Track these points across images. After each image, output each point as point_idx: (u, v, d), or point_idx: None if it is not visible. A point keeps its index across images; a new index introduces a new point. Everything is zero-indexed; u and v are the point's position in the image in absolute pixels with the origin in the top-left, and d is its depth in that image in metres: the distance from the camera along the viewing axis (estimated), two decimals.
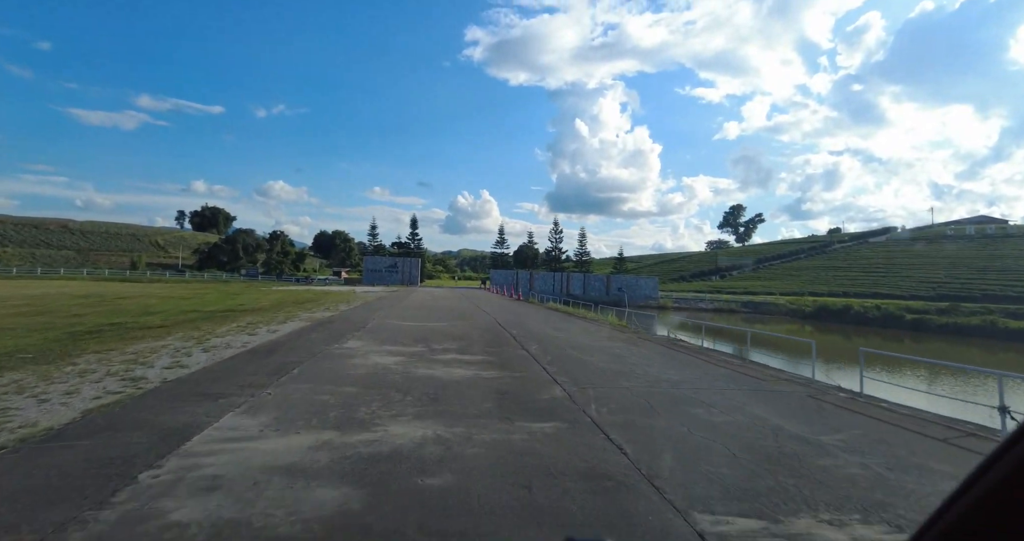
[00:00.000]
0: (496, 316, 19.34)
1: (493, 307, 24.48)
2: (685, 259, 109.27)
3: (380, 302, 25.40)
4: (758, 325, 44.63)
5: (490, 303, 27.00)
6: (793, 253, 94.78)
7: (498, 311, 22.12)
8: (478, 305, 25.35)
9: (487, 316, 19.19)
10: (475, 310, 21.78)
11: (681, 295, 60.81)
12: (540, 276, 61.34)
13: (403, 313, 18.76)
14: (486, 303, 26.80)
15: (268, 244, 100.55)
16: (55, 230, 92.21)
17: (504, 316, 19.64)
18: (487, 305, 25.63)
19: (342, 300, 26.27)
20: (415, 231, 71.53)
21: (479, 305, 25.36)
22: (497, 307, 24.49)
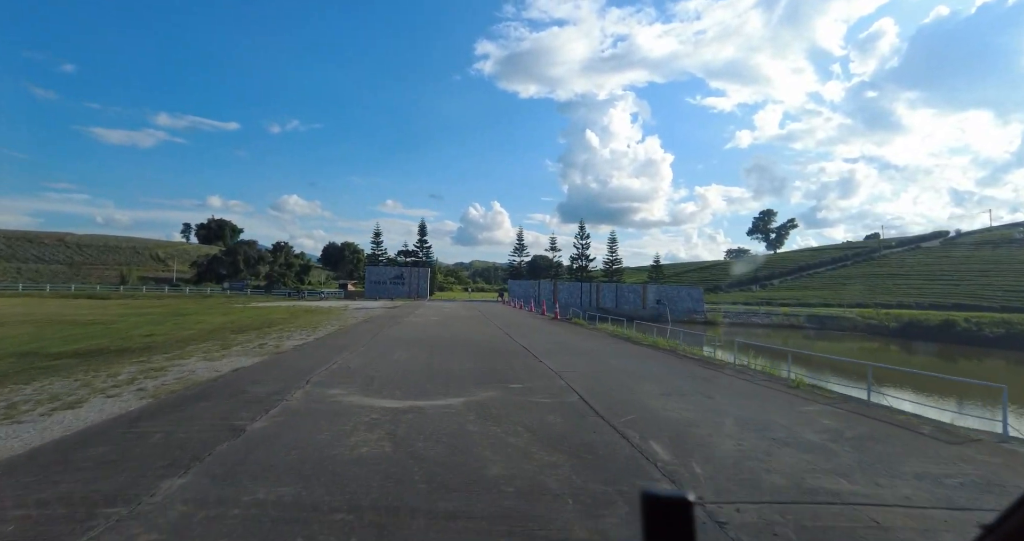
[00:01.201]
0: (566, 368, 9.46)
1: (534, 336, 16.37)
2: (714, 267, 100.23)
3: (366, 327, 17.56)
4: (821, 343, 35.94)
5: (522, 326, 18.82)
6: (836, 260, 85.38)
7: (550, 347, 13.05)
8: (507, 331, 17.16)
9: (544, 368, 9.40)
10: (508, 344, 13.22)
11: (730, 308, 52.12)
12: (565, 287, 53.20)
13: (388, 354, 10.82)
14: (518, 327, 18.50)
15: (272, 256, 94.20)
16: (50, 244, 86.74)
17: (577, 366, 9.82)
18: (521, 331, 17.13)
19: (313, 324, 18.48)
20: (424, 238, 63.77)
21: (509, 331, 17.14)
22: (541, 337, 16.14)
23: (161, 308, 29.67)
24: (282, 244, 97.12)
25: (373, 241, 64.36)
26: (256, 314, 24.31)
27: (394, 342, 12.91)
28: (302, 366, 8.76)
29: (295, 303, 37.57)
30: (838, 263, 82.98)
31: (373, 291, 53.55)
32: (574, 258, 62.43)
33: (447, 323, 19.33)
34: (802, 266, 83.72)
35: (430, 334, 15.07)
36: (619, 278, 62.39)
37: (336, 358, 9.72)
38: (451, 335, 14.83)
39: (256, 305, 33.72)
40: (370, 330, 16.05)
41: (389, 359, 9.89)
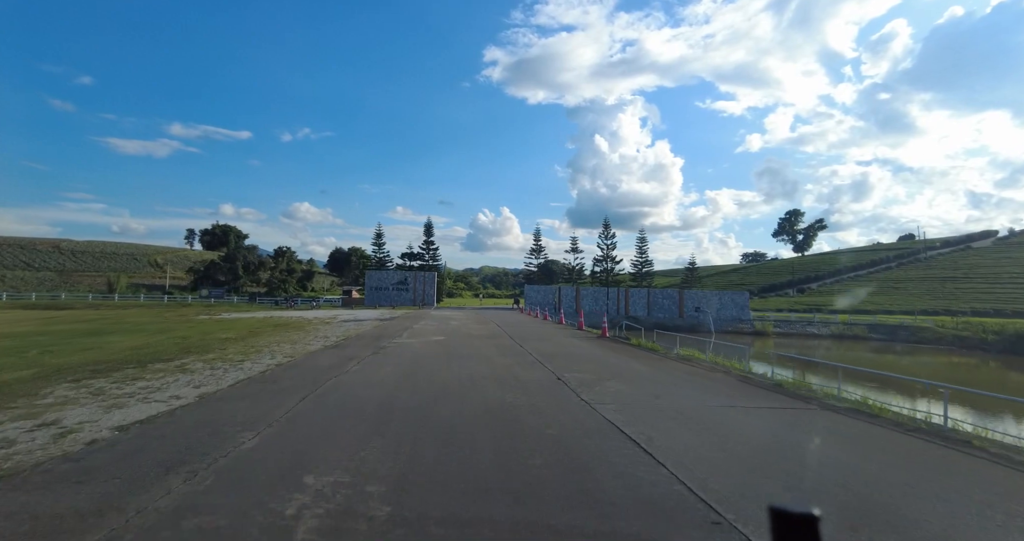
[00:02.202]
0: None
1: (629, 389, 9.81)
2: (737, 271, 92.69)
3: (326, 358, 11.06)
4: (907, 360, 28.79)
5: (573, 356, 11.91)
6: (875, 263, 77.68)
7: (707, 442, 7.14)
8: (556, 369, 10.67)
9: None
10: (590, 422, 6.37)
11: (776, 316, 44.98)
12: (588, 292, 46.48)
13: (304, 460, 4.42)
14: (567, 358, 11.68)
15: (273, 261, 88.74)
16: (43, 251, 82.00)
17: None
18: (582, 367, 9.94)
19: (255, 350, 12.06)
20: (430, 239, 57.23)
21: (560, 368, 10.66)
22: (640, 391, 9.80)
23: (102, 321, 23.53)
24: (284, 249, 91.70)
25: (374, 243, 58.09)
26: (203, 331, 18.00)
27: (346, 407, 6.36)
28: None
29: (276, 313, 31.31)
30: (880, 265, 75.28)
31: (374, 298, 47.24)
32: (598, 260, 55.45)
33: (454, 349, 12.77)
34: (840, 269, 76.14)
35: (424, 380, 8.48)
36: (650, 282, 55.38)
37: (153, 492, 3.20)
38: (460, 382, 8.22)
39: (225, 317, 27.48)
40: (327, 366, 9.55)
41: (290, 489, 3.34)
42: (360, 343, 13.76)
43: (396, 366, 9.63)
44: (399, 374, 8.82)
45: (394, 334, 16.68)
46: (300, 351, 11.78)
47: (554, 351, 12.41)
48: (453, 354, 11.49)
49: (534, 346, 13.40)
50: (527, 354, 11.65)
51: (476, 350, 12.32)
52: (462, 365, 9.85)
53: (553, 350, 12.60)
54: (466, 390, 7.43)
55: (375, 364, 9.91)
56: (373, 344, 13.41)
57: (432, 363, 10.13)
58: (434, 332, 17.55)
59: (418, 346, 13.09)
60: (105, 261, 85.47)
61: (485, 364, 10.02)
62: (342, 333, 17.12)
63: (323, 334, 16.56)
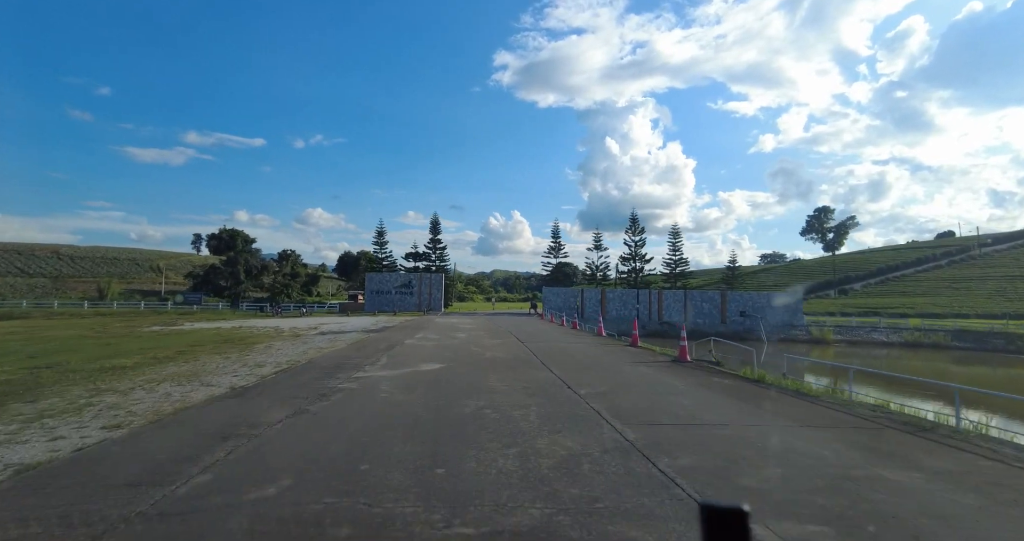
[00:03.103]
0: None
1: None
2: (771, 272, 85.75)
3: (178, 435, 5.42)
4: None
5: (695, 418, 6.66)
6: (920, 261, 70.44)
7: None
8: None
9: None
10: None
11: (837, 321, 38.54)
12: (616, 295, 40.50)
13: None
14: (703, 436, 6.41)
15: (277, 265, 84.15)
16: (41, 256, 78.41)
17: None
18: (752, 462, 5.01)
19: (88, 404, 6.42)
20: (437, 237, 51.50)
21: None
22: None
23: (23, 333, 18.28)
24: (288, 252, 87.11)
25: (376, 242, 52.70)
26: (108, 353, 12.57)
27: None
28: None
29: (253, 322, 25.96)
30: (927, 264, 68.07)
31: (375, 303, 41.78)
32: (624, 258, 49.24)
33: (451, 398, 6.91)
34: (882, 268, 69.07)
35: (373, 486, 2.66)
36: (685, 283, 49.02)
37: None
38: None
39: (184, 328, 22.17)
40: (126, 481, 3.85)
41: None
42: (297, 381, 8.09)
43: (295, 476, 3.83)
44: (358, 449, 3.07)
45: (370, 357, 11.02)
46: (147, 411, 6.10)
47: (650, 405, 6.54)
48: (447, 418, 5.70)
49: (599, 388, 7.57)
50: (602, 422, 5.70)
51: (495, 401, 6.52)
52: (463, 463, 4.06)
53: (646, 403, 6.72)
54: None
55: (325, 416, 4.21)
56: (318, 384, 7.73)
57: (393, 454, 4.31)
58: (430, 353, 11.85)
59: (389, 390, 7.33)
60: (105, 267, 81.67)
61: (523, 458, 4.20)
62: (295, 355, 11.52)
63: (263, 359, 10.95)
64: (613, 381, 8.26)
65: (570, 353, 12.31)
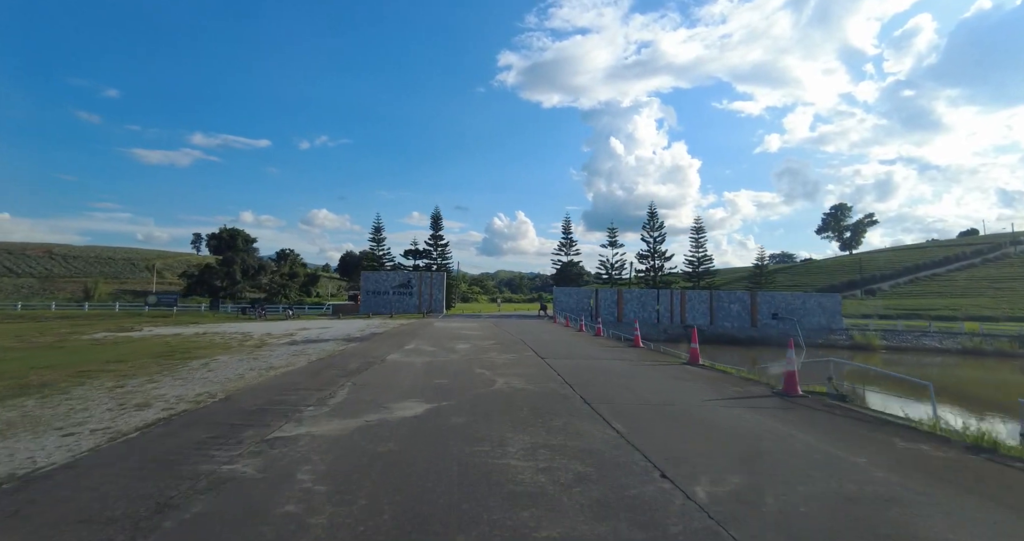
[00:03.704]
0: None
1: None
2: (788, 271, 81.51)
3: None
4: None
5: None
6: (950, 260, 66.14)
7: None
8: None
9: None
10: None
11: (880, 324, 34.57)
12: (634, 295, 36.69)
13: None
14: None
15: (275, 265, 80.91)
16: (32, 256, 75.43)
17: None
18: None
19: None
20: (438, 233, 47.72)
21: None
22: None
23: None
24: (287, 252, 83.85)
25: (372, 239, 48.96)
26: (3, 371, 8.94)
27: None
28: None
29: (224, 327, 22.40)
30: (958, 263, 63.79)
31: (371, 305, 38.17)
32: (643, 255, 45.16)
33: (432, 490, 3.31)
34: (909, 267, 64.84)
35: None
36: (711, 282, 44.92)
37: None
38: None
39: (132, 335, 18.62)
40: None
41: None
42: (140, 460, 4.40)
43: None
44: None
45: (325, 387, 7.30)
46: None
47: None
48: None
49: (724, 478, 3.82)
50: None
51: (524, 528, 2.79)
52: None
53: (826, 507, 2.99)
54: None
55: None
56: (169, 475, 4.05)
57: None
58: (415, 380, 8.12)
59: (306, 489, 3.57)
60: (99, 267, 78.65)
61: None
62: (224, 381, 7.82)
63: (165, 391, 7.25)
64: (731, 450, 4.48)
65: (616, 378, 8.55)
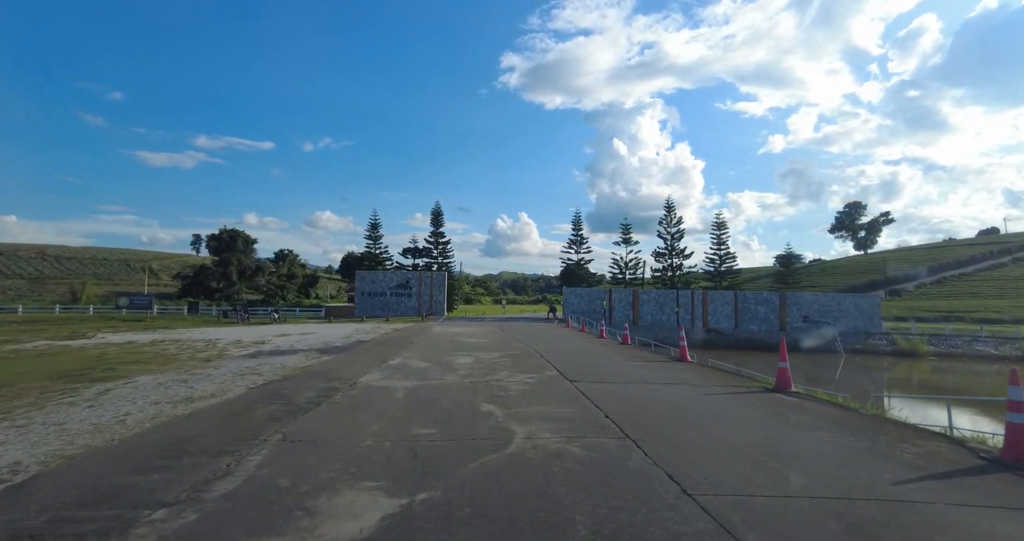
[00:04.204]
0: None
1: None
2: (803, 271, 78.02)
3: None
4: None
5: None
6: (976, 259, 62.68)
7: None
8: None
9: None
10: None
11: (923, 328, 31.37)
12: (651, 296, 33.63)
13: None
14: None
15: (273, 266, 78.23)
16: (24, 257, 73.03)
17: None
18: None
19: None
20: (439, 230, 44.56)
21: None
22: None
23: None
24: (286, 252, 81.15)
25: (369, 236, 46.01)
26: None
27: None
28: None
29: (189, 333, 19.54)
30: (987, 262, 60.34)
31: (366, 307, 35.28)
32: (659, 254, 41.94)
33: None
34: (933, 267, 61.44)
35: None
36: (734, 282, 41.64)
37: None
38: None
39: (69, 344, 15.76)
40: None
41: None
42: None
43: None
44: None
45: (234, 449, 4.35)
46: None
47: None
48: None
49: None
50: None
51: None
52: None
53: None
54: None
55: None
56: None
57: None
58: (383, 428, 5.14)
59: None
60: (92, 268, 76.19)
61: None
62: (99, 425, 4.92)
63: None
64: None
65: (702, 424, 5.44)
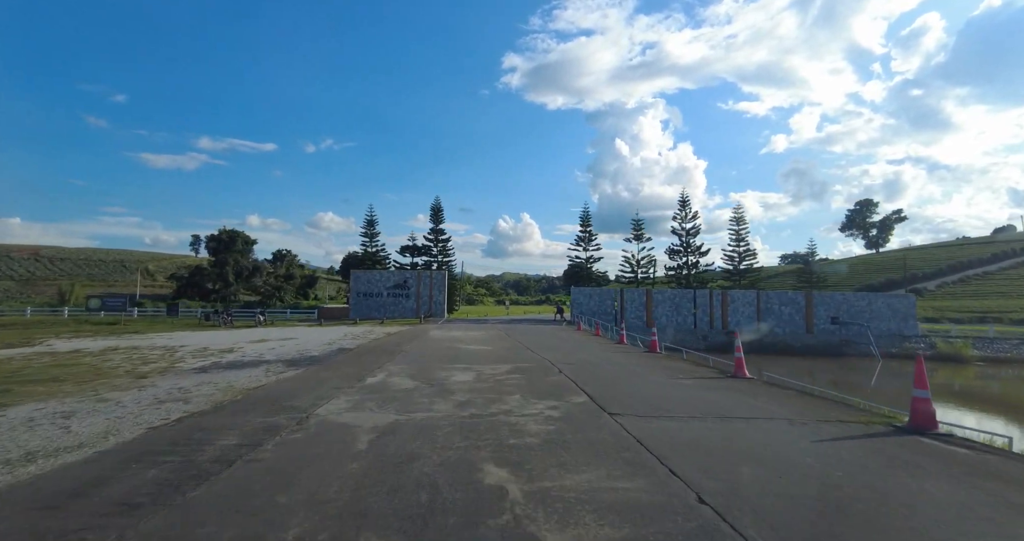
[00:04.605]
0: None
1: None
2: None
3: None
4: None
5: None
6: (998, 257, 60.01)
7: None
8: None
9: None
10: None
11: (964, 331, 28.92)
12: (666, 296, 31.26)
13: None
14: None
15: (271, 266, 76.15)
16: (17, 258, 71.09)
17: None
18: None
19: None
20: (439, 226, 42.15)
21: None
22: None
23: None
24: (284, 253, 79.01)
25: (364, 233, 43.75)
26: None
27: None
28: None
29: (154, 340, 17.31)
30: (1012, 260, 57.67)
31: (362, 308, 33.04)
32: (674, 251, 39.37)
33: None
34: (954, 265, 58.83)
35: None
36: (755, 281, 39.01)
37: None
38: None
39: (9, 353, 13.55)
40: None
41: None
42: None
43: None
44: None
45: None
46: None
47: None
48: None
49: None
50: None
51: None
52: None
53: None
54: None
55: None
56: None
57: None
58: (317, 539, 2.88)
59: None
60: (86, 269, 74.25)
61: None
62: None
63: None
64: None
65: (895, 527, 3.17)
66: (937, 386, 21.83)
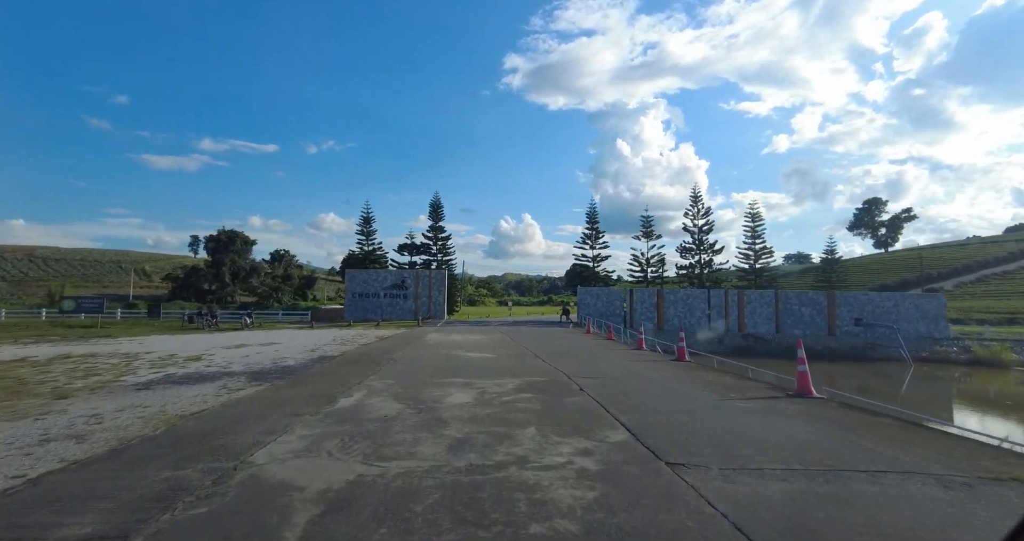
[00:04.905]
0: None
1: None
2: (816, 270, 73.58)
3: None
4: None
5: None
6: (1014, 257, 58.05)
7: None
8: None
9: None
10: None
11: (998, 332, 27.09)
12: (678, 296, 29.47)
13: None
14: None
15: (269, 266, 74.60)
16: (10, 259, 69.60)
17: None
18: None
19: None
20: (439, 224, 40.60)
21: None
22: None
23: None
24: (282, 253, 77.44)
25: (360, 231, 42.11)
26: None
27: None
28: None
29: (117, 346, 15.65)
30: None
31: (358, 309, 31.35)
32: (686, 249, 37.64)
33: None
34: (970, 265, 56.88)
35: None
36: (772, 280, 37.17)
37: None
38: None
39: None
40: None
41: None
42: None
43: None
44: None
45: None
46: None
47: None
48: None
49: None
50: None
51: None
52: None
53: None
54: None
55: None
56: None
57: None
58: None
59: None
60: (82, 269, 72.78)
61: None
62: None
63: None
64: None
65: None
66: (974, 394, 19.84)
